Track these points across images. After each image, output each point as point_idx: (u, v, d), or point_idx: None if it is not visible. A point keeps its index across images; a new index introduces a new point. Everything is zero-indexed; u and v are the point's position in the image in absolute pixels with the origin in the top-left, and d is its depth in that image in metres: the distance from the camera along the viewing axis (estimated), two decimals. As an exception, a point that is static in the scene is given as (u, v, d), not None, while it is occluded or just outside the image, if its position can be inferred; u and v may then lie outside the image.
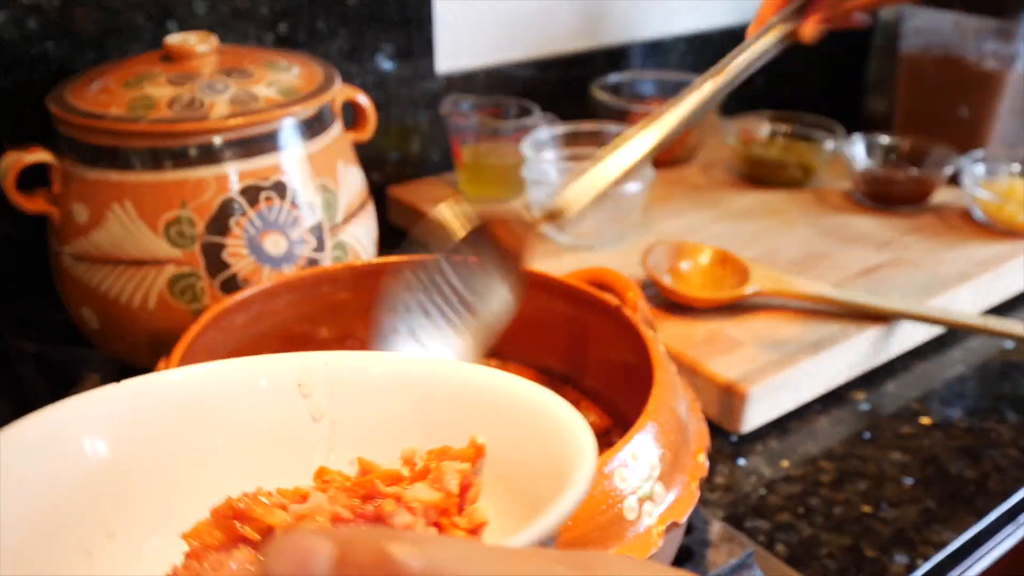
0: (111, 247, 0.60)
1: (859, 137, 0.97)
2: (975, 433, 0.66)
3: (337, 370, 0.36)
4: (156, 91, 0.60)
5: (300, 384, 0.36)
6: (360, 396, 0.36)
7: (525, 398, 0.34)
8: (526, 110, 0.93)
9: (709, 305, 0.73)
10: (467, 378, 0.36)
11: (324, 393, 0.36)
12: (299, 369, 0.36)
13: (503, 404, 0.34)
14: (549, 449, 0.31)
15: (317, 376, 0.36)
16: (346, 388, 0.36)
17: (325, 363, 0.36)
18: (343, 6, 0.88)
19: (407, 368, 0.37)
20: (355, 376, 0.36)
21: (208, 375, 0.36)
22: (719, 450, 0.64)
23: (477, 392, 0.35)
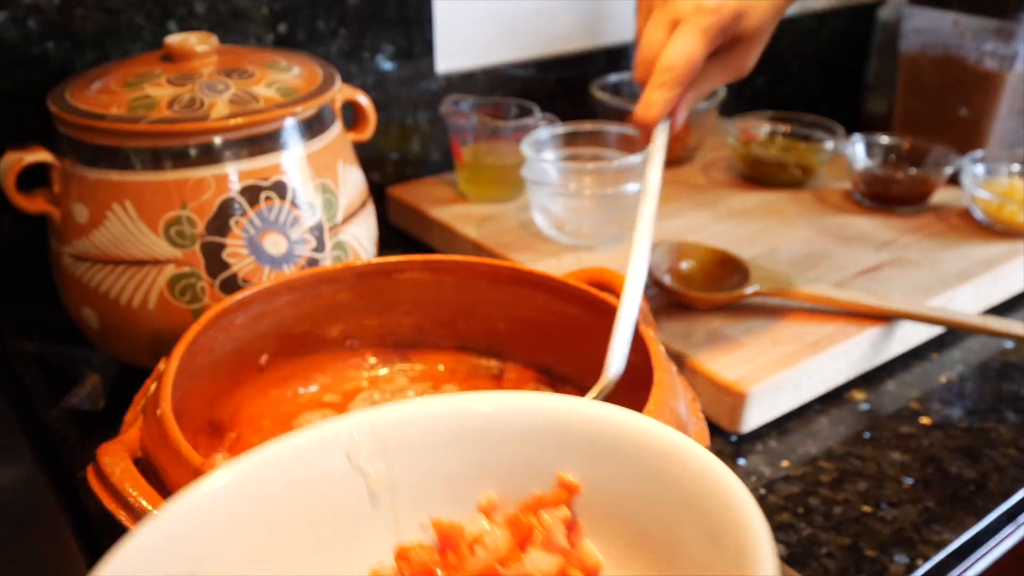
0: (111, 247, 0.60)
1: (859, 137, 0.97)
2: (975, 433, 0.66)
3: (385, 428, 0.32)
4: (156, 91, 0.60)
5: (349, 456, 0.32)
6: (416, 451, 0.32)
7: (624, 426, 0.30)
8: (526, 110, 0.93)
9: (709, 305, 0.73)
10: (534, 411, 0.32)
11: (376, 457, 0.32)
12: (344, 440, 0.32)
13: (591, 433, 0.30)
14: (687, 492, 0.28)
15: (364, 441, 0.32)
16: (399, 446, 0.32)
17: (371, 424, 0.32)
18: (343, 6, 0.88)
19: (460, 410, 0.33)
20: (406, 431, 0.32)
21: (251, 471, 0.31)
22: (719, 450, 0.64)
23: (551, 424, 0.31)
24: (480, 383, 0.60)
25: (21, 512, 0.51)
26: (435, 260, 0.60)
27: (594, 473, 0.30)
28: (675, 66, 0.54)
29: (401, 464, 0.32)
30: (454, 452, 0.32)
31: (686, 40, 0.54)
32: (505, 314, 0.60)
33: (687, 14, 0.55)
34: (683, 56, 0.54)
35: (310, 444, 0.32)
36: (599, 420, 0.31)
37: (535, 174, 0.83)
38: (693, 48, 0.54)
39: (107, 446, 0.43)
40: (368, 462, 0.32)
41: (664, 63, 0.55)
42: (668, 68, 0.54)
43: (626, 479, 0.30)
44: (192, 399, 0.52)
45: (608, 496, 0.30)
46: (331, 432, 0.32)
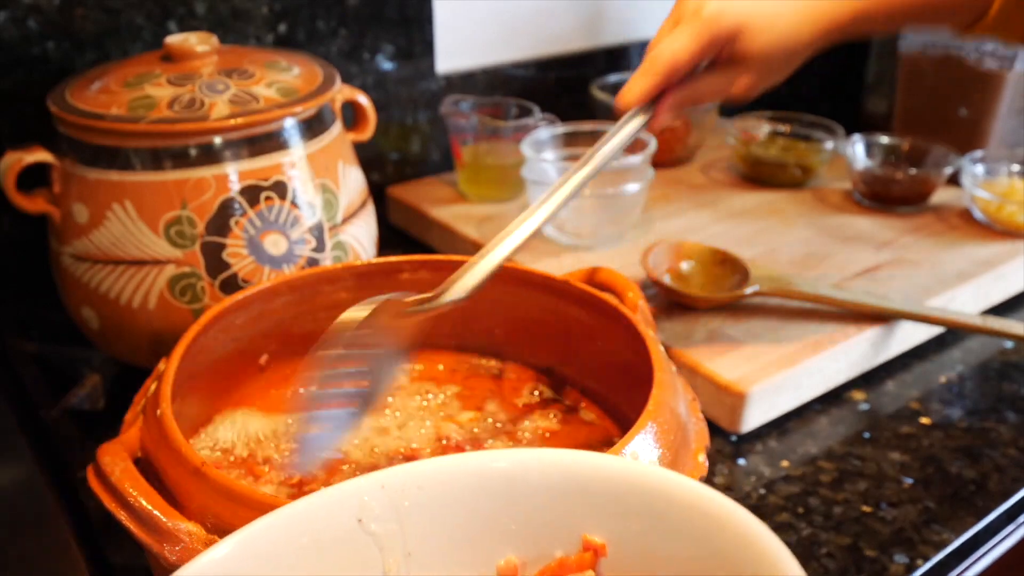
0: (111, 247, 0.60)
1: (859, 137, 0.97)
2: (975, 433, 0.66)
3: (399, 491, 0.31)
4: (156, 91, 0.60)
5: (361, 520, 0.31)
6: (431, 513, 0.31)
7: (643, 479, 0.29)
8: (526, 110, 0.93)
9: (709, 305, 0.73)
10: (559, 467, 0.30)
11: (390, 521, 0.31)
12: (355, 502, 0.31)
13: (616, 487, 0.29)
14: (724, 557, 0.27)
15: (377, 504, 0.31)
16: (413, 509, 0.31)
17: (382, 486, 0.31)
18: (343, 6, 0.88)
19: (476, 468, 0.31)
20: (419, 494, 0.31)
21: (257, 537, 0.30)
22: (719, 450, 0.64)
23: (578, 480, 0.30)
24: (480, 383, 0.60)
25: (21, 512, 0.51)
26: (435, 260, 0.60)
27: (620, 532, 0.29)
28: (658, 59, 0.56)
29: (415, 526, 0.31)
30: (471, 512, 0.31)
31: (675, 40, 0.56)
32: (505, 314, 0.60)
33: (685, 15, 0.57)
34: (667, 53, 0.55)
35: (319, 508, 0.30)
36: (625, 475, 0.29)
37: (535, 174, 0.83)
38: (678, 49, 0.55)
39: (107, 446, 0.43)
40: (380, 525, 0.31)
41: (651, 54, 0.56)
42: (652, 59, 0.56)
43: (654, 537, 0.29)
44: (192, 399, 0.52)
45: (636, 555, 0.29)
46: (341, 494, 0.31)
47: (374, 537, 0.31)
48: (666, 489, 0.29)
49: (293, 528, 0.30)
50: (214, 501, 0.40)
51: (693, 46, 0.55)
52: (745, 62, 0.57)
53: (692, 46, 0.55)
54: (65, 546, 0.48)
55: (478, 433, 0.55)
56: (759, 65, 0.58)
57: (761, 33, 0.56)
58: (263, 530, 0.30)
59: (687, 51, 0.55)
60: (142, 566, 0.46)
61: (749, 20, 0.55)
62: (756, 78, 0.59)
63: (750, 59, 0.57)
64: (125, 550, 0.51)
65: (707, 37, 0.55)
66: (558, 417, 0.57)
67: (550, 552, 0.30)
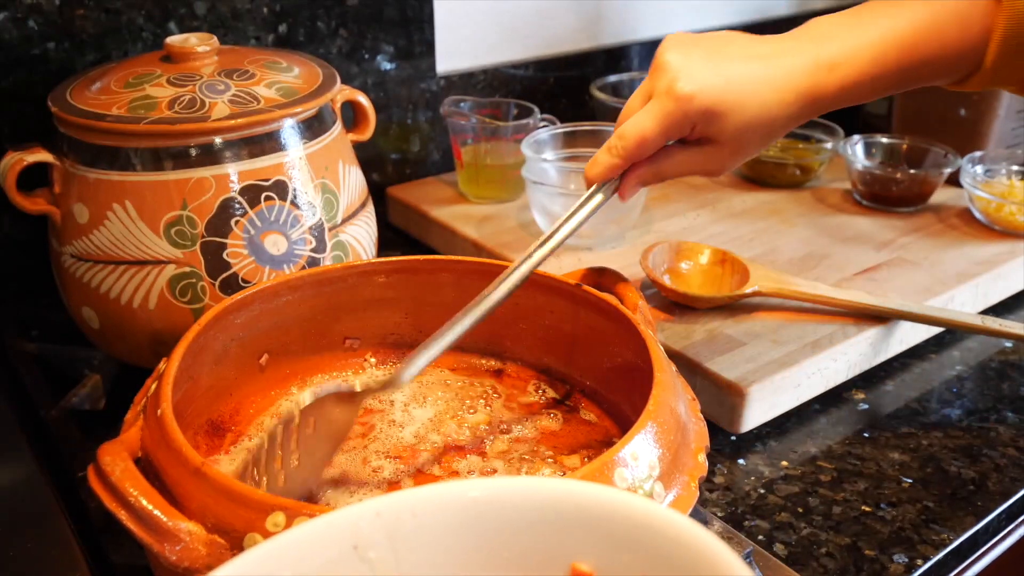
0: (112, 247, 0.60)
1: (858, 137, 0.97)
2: (974, 433, 0.66)
3: (394, 518, 0.31)
4: (157, 91, 0.60)
5: (356, 547, 0.30)
6: (425, 541, 0.31)
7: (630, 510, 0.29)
8: (525, 110, 0.93)
9: (709, 305, 0.73)
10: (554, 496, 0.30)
11: (385, 548, 0.31)
12: (351, 531, 0.30)
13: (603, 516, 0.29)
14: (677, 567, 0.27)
15: (373, 531, 0.31)
16: (408, 536, 0.31)
17: (377, 514, 0.31)
18: (343, 6, 0.89)
19: (473, 496, 0.31)
20: (415, 520, 0.31)
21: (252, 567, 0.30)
22: (719, 450, 0.64)
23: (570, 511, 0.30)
24: (480, 383, 0.60)
25: (21, 512, 0.51)
26: (435, 260, 0.60)
27: (609, 562, 0.29)
28: (625, 137, 0.54)
29: (410, 553, 0.31)
30: (465, 540, 0.31)
31: (644, 118, 0.53)
32: (505, 314, 0.60)
33: (658, 92, 0.53)
34: (635, 131, 0.53)
35: (316, 535, 0.30)
36: (614, 506, 0.30)
37: (535, 174, 0.83)
38: (646, 128, 0.53)
39: (107, 446, 0.43)
40: (376, 552, 0.31)
41: (619, 131, 0.54)
42: (620, 136, 0.54)
43: (640, 568, 0.29)
44: (192, 399, 0.52)
45: None
46: (337, 521, 0.31)
47: (369, 564, 0.31)
48: (653, 522, 0.29)
49: (290, 555, 0.30)
50: (214, 501, 0.40)
51: (662, 126, 0.53)
52: (718, 141, 0.54)
53: (661, 126, 0.53)
54: (65, 546, 0.49)
55: (478, 433, 0.55)
56: (733, 144, 0.55)
57: (737, 113, 0.53)
58: (259, 559, 0.30)
59: (655, 131, 0.53)
60: (142, 566, 0.46)
61: (724, 100, 0.52)
62: (729, 157, 0.56)
63: (725, 139, 0.54)
64: (125, 550, 0.51)
65: (678, 117, 0.53)
66: (558, 417, 0.57)
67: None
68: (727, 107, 0.52)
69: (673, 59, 0.53)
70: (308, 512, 0.38)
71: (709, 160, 0.56)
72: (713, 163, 0.56)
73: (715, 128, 0.53)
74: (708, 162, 0.56)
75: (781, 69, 0.53)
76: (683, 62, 0.53)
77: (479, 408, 0.58)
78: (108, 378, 0.66)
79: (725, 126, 0.53)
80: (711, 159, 0.56)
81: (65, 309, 0.66)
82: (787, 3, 1.28)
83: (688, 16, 1.18)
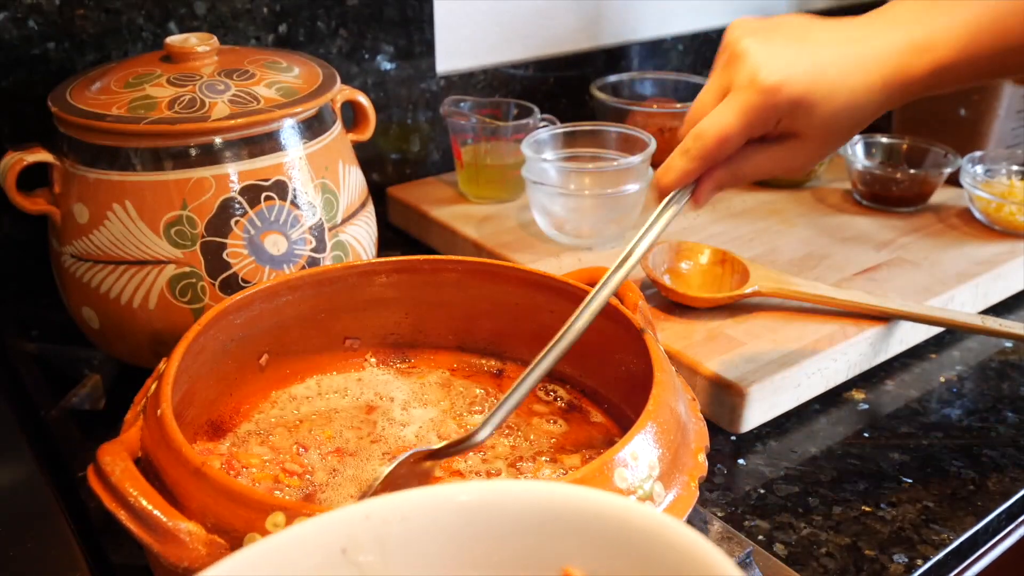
0: (112, 247, 0.60)
1: (858, 137, 0.97)
2: (974, 433, 0.66)
3: (383, 522, 0.31)
4: (157, 91, 0.60)
5: (345, 550, 0.30)
6: (417, 545, 0.31)
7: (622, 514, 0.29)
8: (526, 110, 0.93)
9: (709, 305, 0.73)
10: (546, 500, 0.30)
11: (374, 551, 0.31)
12: (341, 534, 0.30)
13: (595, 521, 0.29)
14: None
15: (361, 535, 0.30)
16: (398, 540, 0.31)
17: (367, 517, 0.31)
18: (343, 6, 0.89)
19: (464, 500, 0.31)
20: (405, 524, 0.31)
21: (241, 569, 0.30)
22: (719, 450, 0.64)
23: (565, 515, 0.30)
24: (480, 383, 0.60)
25: (21, 512, 0.51)
26: (435, 260, 0.60)
27: (601, 566, 0.29)
28: (704, 137, 0.49)
29: (399, 557, 0.31)
30: (455, 544, 0.31)
31: (724, 114, 0.49)
32: (505, 314, 0.60)
33: (739, 85, 0.49)
34: (715, 130, 0.49)
35: (305, 537, 0.30)
36: (606, 510, 0.30)
37: (535, 174, 0.83)
38: (728, 125, 0.48)
39: (107, 446, 0.43)
40: (365, 556, 0.30)
41: (696, 130, 0.50)
42: (697, 137, 0.49)
43: (632, 571, 0.29)
44: (192, 399, 0.52)
45: None
46: (327, 524, 0.31)
47: (358, 567, 0.31)
48: (645, 525, 0.29)
49: (279, 558, 0.30)
50: (214, 501, 0.40)
51: (745, 121, 0.48)
52: (805, 135, 0.50)
53: (744, 121, 0.48)
54: (65, 546, 0.49)
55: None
56: (820, 138, 0.50)
57: (827, 102, 0.48)
58: (249, 560, 0.30)
59: (738, 127, 0.48)
60: (142, 566, 0.46)
61: (813, 89, 0.47)
62: (815, 152, 0.51)
63: (812, 132, 0.49)
64: (125, 550, 0.51)
65: (763, 111, 0.48)
66: (558, 417, 0.57)
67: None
68: (817, 97, 0.48)
69: (751, 47, 0.48)
70: (307, 512, 0.38)
71: (793, 157, 0.51)
72: (797, 160, 0.51)
73: (802, 121, 0.49)
74: (792, 159, 0.51)
75: (869, 52, 0.48)
76: (763, 49, 0.48)
77: (479, 408, 0.58)
78: (108, 378, 0.66)
79: (813, 118, 0.49)
80: (795, 155, 0.51)
81: (65, 309, 0.66)
82: (787, 3, 1.28)
83: (688, 16, 1.18)
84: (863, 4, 1.35)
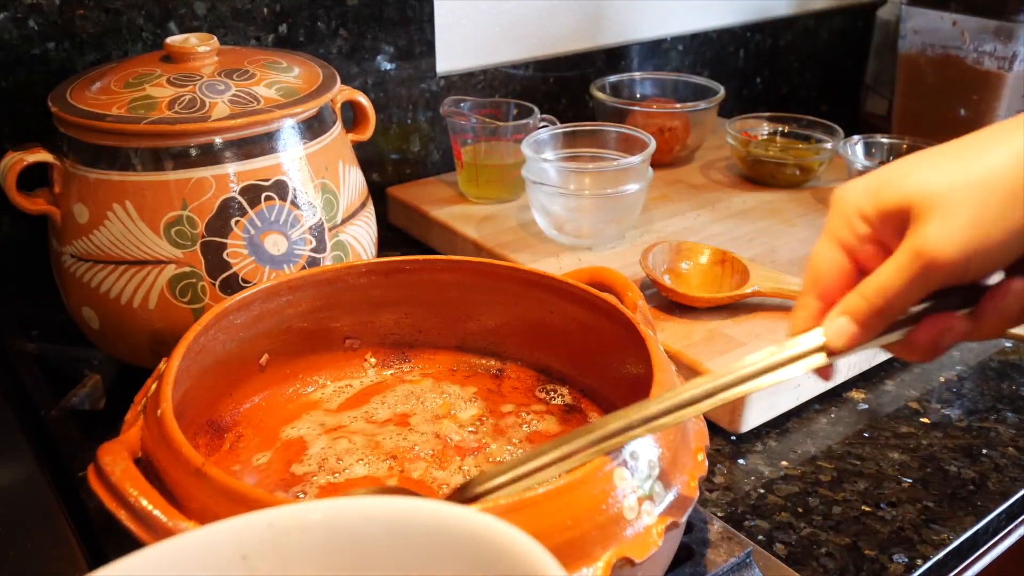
0: (112, 247, 0.60)
1: (858, 137, 0.97)
2: (974, 433, 0.66)
3: (284, 531, 0.32)
4: (157, 91, 0.60)
5: (245, 556, 0.32)
6: (312, 556, 0.32)
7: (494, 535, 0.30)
8: (526, 110, 0.93)
9: (708, 305, 0.73)
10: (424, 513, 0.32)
11: (273, 559, 0.32)
12: (241, 540, 0.32)
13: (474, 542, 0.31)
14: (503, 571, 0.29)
15: (262, 543, 0.32)
16: (295, 550, 0.32)
17: (269, 525, 0.32)
18: (343, 6, 0.89)
19: (364, 514, 0.32)
20: (306, 535, 0.32)
21: (140, 569, 0.31)
22: (719, 450, 0.64)
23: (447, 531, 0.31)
24: (480, 383, 0.61)
25: (21, 512, 0.51)
26: (435, 260, 0.60)
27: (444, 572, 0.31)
28: (892, 297, 0.39)
29: (296, 567, 0.32)
30: (350, 557, 0.32)
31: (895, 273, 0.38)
32: (505, 314, 0.60)
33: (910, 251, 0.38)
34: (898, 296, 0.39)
35: (205, 541, 0.32)
36: (441, 520, 0.32)
37: (535, 174, 0.83)
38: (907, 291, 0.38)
39: (107, 446, 0.43)
40: (263, 563, 0.32)
41: (874, 288, 0.39)
42: (888, 296, 0.39)
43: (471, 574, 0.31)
44: (192, 399, 0.52)
45: None
46: (228, 530, 0.32)
47: (256, 572, 0.32)
48: (476, 531, 0.31)
49: (176, 559, 0.31)
50: (214, 501, 0.40)
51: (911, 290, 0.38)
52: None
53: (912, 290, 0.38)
54: (65, 546, 0.48)
55: (478, 433, 0.55)
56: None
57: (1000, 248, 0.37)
58: (146, 561, 0.31)
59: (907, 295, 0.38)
60: (142, 566, 0.46)
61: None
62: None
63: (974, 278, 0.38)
64: (125, 550, 0.50)
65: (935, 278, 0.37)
66: (558, 417, 0.57)
67: None
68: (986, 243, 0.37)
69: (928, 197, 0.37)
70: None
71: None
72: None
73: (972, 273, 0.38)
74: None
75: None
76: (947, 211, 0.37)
77: (479, 408, 0.58)
78: (108, 378, 0.66)
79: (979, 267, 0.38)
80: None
81: (65, 309, 0.66)
82: (787, 3, 1.28)
83: (688, 16, 1.19)
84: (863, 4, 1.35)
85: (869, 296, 0.40)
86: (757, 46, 1.27)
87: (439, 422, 0.56)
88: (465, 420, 0.57)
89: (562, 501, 0.39)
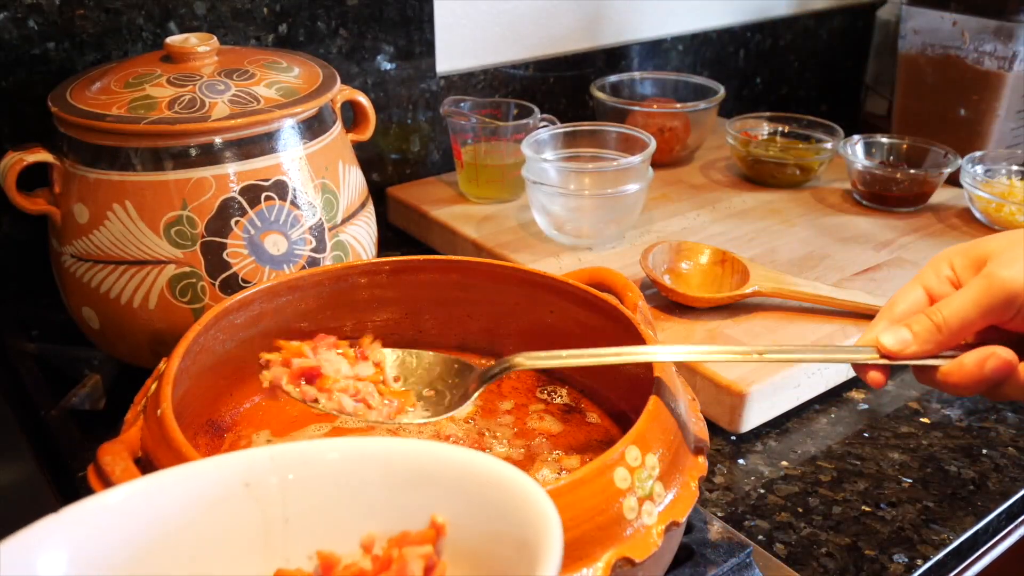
0: (112, 247, 0.60)
1: (858, 137, 0.97)
2: (974, 433, 0.66)
3: (286, 464, 0.35)
4: (157, 91, 0.60)
5: (248, 484, 0.34)
6: (313, 487, 0.35)
7: (485, 472, 0.33)
8: (526, 110, 0.93)
9: (708, 305, 0.73)
10: (423, 456, 0.34)
11: (275, 490, 0.35)
12: (245, 470, 0.34)
13: (462, 479, 0.33)
14: (513, 521, 0.31)
15: (265, 474, 0.34)
16: (298, 481, 0.35)
17: (271, 458, 0.35)
18: (343, 6, 0.89)
19: (360, 452, 0.35)
20: (306, 468, 0.35)
21: (150, 489, 0.33)
22: (719, 450, 0.64)
23: (434, 469, 0.34)
24: (480, 383, 0.60)
25: (21, 512, 0.51)
26: (435, 260, 0.60)
27: (462, 517, 0.33)
28: (951, 317, 0.45)
29: (295, 497, 0.35)
30: (345, 490, 0.35)
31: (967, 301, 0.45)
32: (505, 314, 0.60)
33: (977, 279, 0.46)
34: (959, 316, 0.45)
35: (210, 468, 0.34)
36: (463, 465, 0.34)
37: (535, 174, 0.83)
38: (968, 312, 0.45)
39: (108, 446, 0.43)
40: (265, 491, 0.34)
41: (938, 307, 0.46)
42: (948, 315, 0.45)
43: (482, 521, 0.33)
44: (192, 399, 0.52)
45: (471, 538, 0.33)
46: (232, 460, 0.34)
47: (258, 501, 0.34)
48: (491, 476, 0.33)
49: (183, 483, 0.34)
50: (214, 501, 0.40)
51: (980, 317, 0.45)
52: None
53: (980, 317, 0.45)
54: (65, 546, 0.48)
55: (477, 433, 0.55)
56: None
57: None
58: (154, 483, 0.33)
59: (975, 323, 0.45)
60: (142, 566, 0.46)
61: None
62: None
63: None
64: (125, 550, 0.51)
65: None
66: (558, 417, 0.57)
67: (404, 528, 0.34)
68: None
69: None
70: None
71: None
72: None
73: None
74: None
75: None
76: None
77: (479, 408, 0.58)
78: (108, 378, 0.66)
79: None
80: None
81: (65, 309, 0.66)
82: (787, 3, 1.28)
83: (688, 16, 1.19)
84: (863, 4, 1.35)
85: (931, 312, 0.46)
86: (757, 46, 1.27)
87: (439, 422, 0.56)
88: (465, 420, 0.57)
89: (562, 501, 0.39)
